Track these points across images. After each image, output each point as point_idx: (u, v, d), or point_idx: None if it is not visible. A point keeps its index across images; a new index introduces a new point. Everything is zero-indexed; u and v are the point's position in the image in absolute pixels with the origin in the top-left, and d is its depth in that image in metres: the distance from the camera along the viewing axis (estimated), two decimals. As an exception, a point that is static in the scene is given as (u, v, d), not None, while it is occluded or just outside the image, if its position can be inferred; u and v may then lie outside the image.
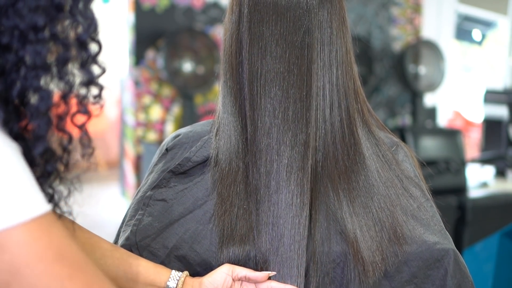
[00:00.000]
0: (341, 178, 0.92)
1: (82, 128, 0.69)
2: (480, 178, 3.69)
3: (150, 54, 4.31)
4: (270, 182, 0.90)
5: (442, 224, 0.96)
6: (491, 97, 4.31)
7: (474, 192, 3.30)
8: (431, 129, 4.52)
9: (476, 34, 6.90)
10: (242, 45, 0.93)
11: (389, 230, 0.91)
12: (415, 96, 5.15)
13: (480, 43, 7.10)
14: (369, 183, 0.93)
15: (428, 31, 5.44)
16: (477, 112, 6.61)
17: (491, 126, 4.26)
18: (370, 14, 5.12)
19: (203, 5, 4.44)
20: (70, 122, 0.68)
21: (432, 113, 5.24)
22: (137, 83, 4.30)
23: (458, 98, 6.81)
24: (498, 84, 6.34)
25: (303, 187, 0.90)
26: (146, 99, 4.33)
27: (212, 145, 0.96)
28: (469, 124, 6.74)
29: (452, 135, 3.76)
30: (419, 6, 5.36)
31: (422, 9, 5.39)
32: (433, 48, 5.15)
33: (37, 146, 0.64)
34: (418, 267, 0.91)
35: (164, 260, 0.92)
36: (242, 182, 0.92)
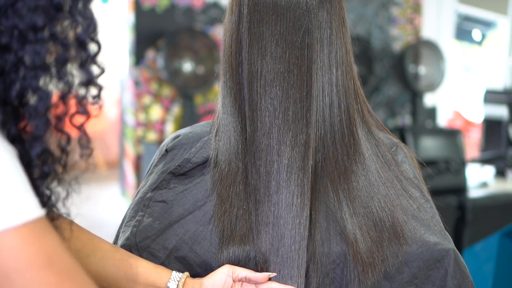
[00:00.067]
0: (341, 178, 0.92)
1: (81, 128, 0.69)
2: (480, 178, 3.69)
3: (150, 54, 4.31)
4: (270, 182, 0.90)
5: (442, 225, 0.96)
6: (491, 97, 4.30)
7: (474, 192, 3.30)
8: (431, 129, 4.52)
9: (476, 34, 6.90)
10: (242, 45, 0.93)
11: (389, 230, 0.90)
12: (415, 96, 5.15)
13: (480, 43, 7.09)
14: (369, 183, 0.93)
15: (428, 31, 5.44)
16: (477, 112, 6.61)
17: (491, 126, 4.25)
18: (370, 14, 5.12)
19: (203, 5, 4.44)
20: (69, 123, 0.67)
21: (432, 113, 5.23)
22: (137, 83, 4.30)
23: (458, 98, 6.80)
24: (498, 84, 6.34)
25: (304, 188, 0.89)
26: (146, 99, 4.33)
27: (211, 146, 0.96)
28: (469, 124, 6.74)
29: (452, 135, 3.76)
30: (419, 6, 5.36)
31: (422, 9, 5.38)
32: (433, 48, 5.15)
33: (35, 146, 0.64)
34: (418, 268, 0.91)
35: (164, 261, 0.92)
36: (241, 183, 0.92)
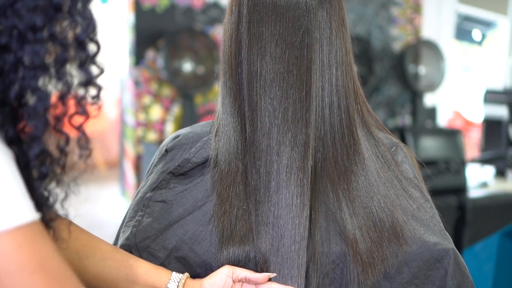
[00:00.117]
0: (340, 179, 0.92)
1: (80, 129, 0.68)
2: (480, 178, 3.69)
3: (150, 54, 4.31)
4: (270, 182, 0.89)
5: (442, 225, 0.96)
6: (491, 97, 4.30)
7: (474, 192, 3.29)
8: (431, 129, 4.52)
9: (476, 34, 6.90)
10: (241, 45, 0.93)
11: (389, 230, 0.90)
12: (415, 96, 5.15)
13: (480, 43, 7.09)
14: (369, 183, 0.93)
15: (428, 31, 5.44)
16: (477, 112, 6.61)
17: (491, 126, 4.25)
18: (370, 14, 5.12)
19: (203, 5, 4.44)
20: (67, 123, 0.67)
21: (432, 113, 5.23)
22: (137, 83, 4.30)
23: (458, 98, 6.80)
24: (498, 84, 6.33)
25: (303, 188, 0.89)
26: (146, 99, 4.33)
27: (211, 146, 0.96)
28: (469, 124, 6.74)
29: (452, 135, 3.76)
30: (419, 6, 5.36)
31: (422, 9, 5.38)
32: (433, 48, 5.15)
33: (33, 147, 0.63)
34: (418, 268, 0.91)
35: (164, 261, 0.92)
36: (241, 183, 0.92)
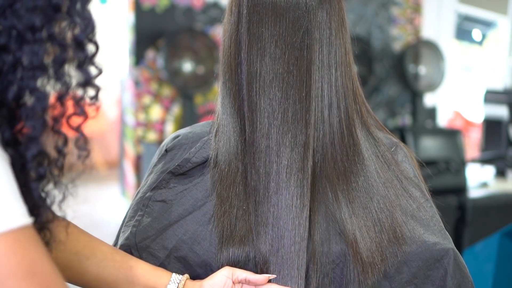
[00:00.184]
0: (339, 179, 0.92)
1: (78, 129, 0.68)
2: (480, 178, 3.69)
3: (150, 54, 4.31)
4: (270, 183, 0.89)
5: (442, 224, 0.96)
6: (491, 97, 4.30)
7: (474, 192, 3.29)
8: (431, 129, 4.52)
9: (476, 34, 6.89)
10: (241, 46, 0.93)
11: (388, 230, 0.90)
12: (415, 96, 5.14)
13: (480, 43, 7.09)
14: (368, 184, 0.93)
15: (428, 31, 5.44)
16: (477, 112, 6.60)
17: (491, 126, 4.25)
18: (370, 14, 5.12)
19: (203, 5, 4.44)
20: (66, 124, 0.67)
21: (432, 113, 5.23)
22: (137, 83, 4.30)
23: (458, 98, 6.80)
24: (498, 84, 6.33)
25: (303, 189, 0.89)
26: (146, 99, 4.33)
27: (211, 146, 0.96)
28: (469, 124, 6.74)
29: (452, 135, 3.76)
30: (419, 6, 5.36)
31: (422, 9, 5.38)
32: (433, 48, 5.15)
33: (30, 148, 0.63)
34: (418, 268, 0.91)
35: (164, 261, 0.92)
36: (241, 183, 0.92)
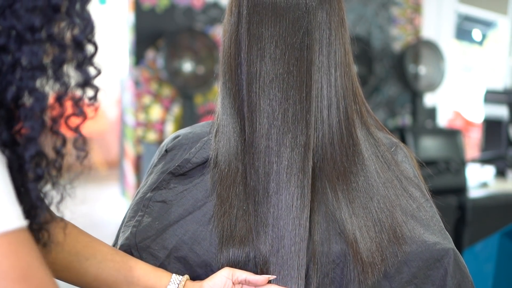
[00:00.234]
0: (339, 179, 0.92)
1: (76, 130, 0.68)
2: (480, 178, 3.68)
3: (150, 54, 4.31)
4: (270, 183, 0.89)
5: (442, 224, 0.96)
6: (491, 97, 4.30)
7: (474, 192, 3.29)
8: (431, 129, 4.52)
9: (476, 34, 6.89)
10: (241, 46, 0.93)
11: (388, 230, 0.90)
12: (415, 96, 5.14)
13: (480, 43, 7.08)
14: (368, 184, 0.93)
15: (428, 31, 5.44)
16: (477, 112, 6.60)
17: (491, 126, 4.25)
18: (370, 14, 5.12)
19: (203, 5, 4.44)
20: (64, 125, 0.67)
21: (432, 113, 5.23)
22: (137, 83, 4.30)
23: (458, 98, 6.80)
24: (498, 84, 6.33)
25: (303, 189, 0.89)
26: (146, 99, 4.33)
27: (211, 146, 0.96)
28: (469, 124, 6.73)
29: (452, 135, 3.76)
30: (419, 6, 5.36)
31: (422, 9, 5.38)
32: (433, 48, 5.14)
33: (28, 148, 0.63)
34: (418, 267, 0.91)
35: (164, 261, 0.92)
36: (241, 184, 0.92)
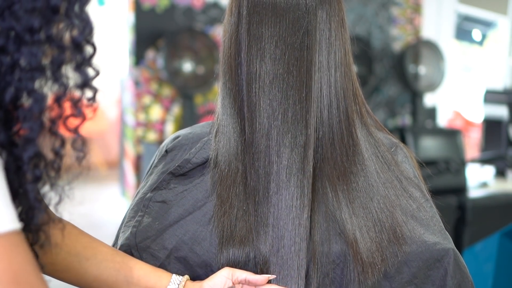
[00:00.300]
0: (340, 179, 0.92)
1: (75, 131, 0.68)
2: (480, 178, 3.69)
3: (150, 54, 4.31)
4: (270, 183, 0.89)
5: (442, 224, 0.96)
6: (491, 97, 4.30)
7: (474, 192, 3.29)
8: (431, 129, 4.52)
9: (476, 34, 6.89)
10: (241, 46, 0.93)
11: (388, 230, 0.90)
12: (415, 96, 5.15)
13: (480, 43, 7.08)
14: (368, 184, 0.93)
15: (428, 31, 5.44)
16: (477, 112, 6.60)
17: (491, 126, 4.25)
18: (370, 14, 5.12)
19: (203, 5, 4.44)
20: (63, 126, 0.67)
21: (432, 113, 5.23)
22: (137, 83, 4.30)
23: (458, 98, 6.80)
24: (498, 84, 6.33)
25: (303, 189, 0.89)
26: (146, 99, 4.33)
27: (211, 146, 0.96)
28: (469, 124, 6.74)
29: (452, 135, 3.76)
30: (419, 6, 5.36)
31: (422, 9, 5.38)
32: (433, 48, 5.15)
33: (27, 149, 0.63)
34: (418, 268, 0.91)
35: (164, 261, 0.92)
36: (241, 184, 0.92)
